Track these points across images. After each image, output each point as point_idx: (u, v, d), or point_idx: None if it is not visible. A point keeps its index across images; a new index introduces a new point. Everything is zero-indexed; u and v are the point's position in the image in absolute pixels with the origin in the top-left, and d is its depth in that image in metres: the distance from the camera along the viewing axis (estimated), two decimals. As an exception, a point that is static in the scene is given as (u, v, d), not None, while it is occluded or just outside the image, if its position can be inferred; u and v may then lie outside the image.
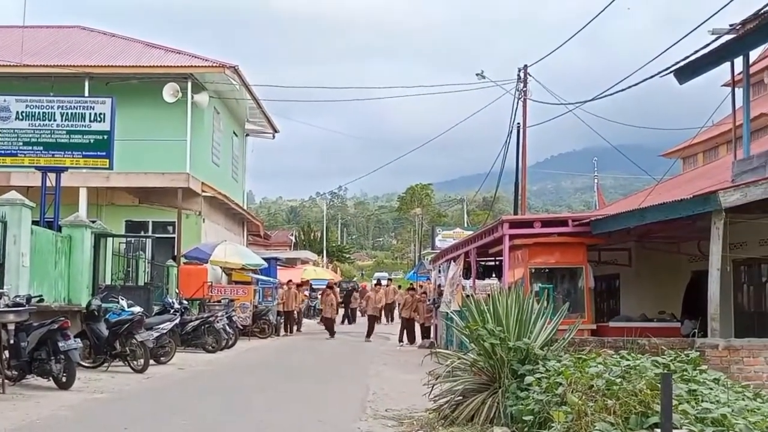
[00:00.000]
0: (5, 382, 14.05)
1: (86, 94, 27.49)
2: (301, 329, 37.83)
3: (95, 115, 22.17)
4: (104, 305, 18.70)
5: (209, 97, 31.43)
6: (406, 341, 30.65)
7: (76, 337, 16.01)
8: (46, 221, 20.95)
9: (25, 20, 30.20)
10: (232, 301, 28.65)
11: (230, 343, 25.39)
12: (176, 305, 22.48)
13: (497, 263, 24.92)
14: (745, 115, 18.87)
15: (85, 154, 22.13)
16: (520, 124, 33.93)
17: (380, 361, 23.16)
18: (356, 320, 46.59)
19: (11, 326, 14.24)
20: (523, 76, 33.93)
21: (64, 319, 15.18)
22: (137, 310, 18.93)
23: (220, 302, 27.99)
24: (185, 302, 24.63)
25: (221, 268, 32.47)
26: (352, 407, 13.64)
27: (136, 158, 28.63)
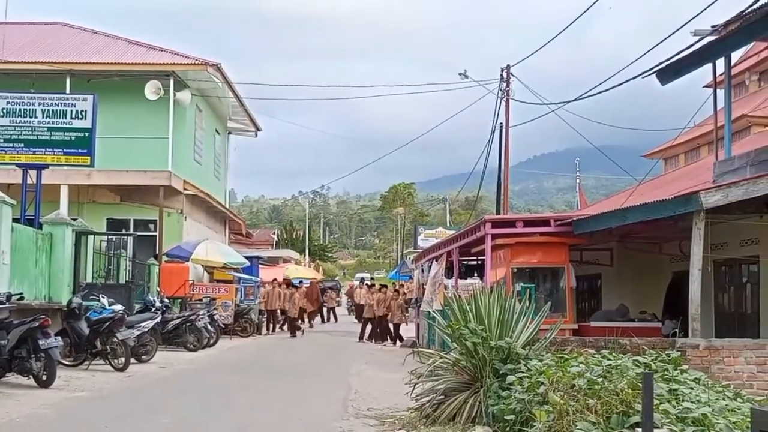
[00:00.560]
0: (-15, 380, 13.98)
1: (68, 91, 27.36)
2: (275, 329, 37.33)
3: (77, 112, 22.08)
4: (85, 303, 18.61)
5: (191, 94, 31.32)
6: (374, 340, 30.72)
7: (56, 335, 15.91)
8: (26, 219, 20.84)
9: (6, 16, 30.06)
10: (213, 299, 28.59)
11: (212, 341, 25.33)
12: (157, 303, 22.39)
13: (479, 263, 24.94)
14: (726, 116, 18.96)
15: (66, 151, 22.04)
16: (502, 123, 33.99)
17: (362, 360, 23.15)
18: (336, 319, 46.48)
19: (-9, 324, 14.18)
20: (506, 76, 33.97)
21: (44, 317, 15.09)
22: (118, 308, 18.82)
23: (201, 301, 27.94)
24: (167, 300, 24.55)
25: (203, 266, 32.38)
26: (333, 406, 13.62)
27: (117, 156, 28.51)
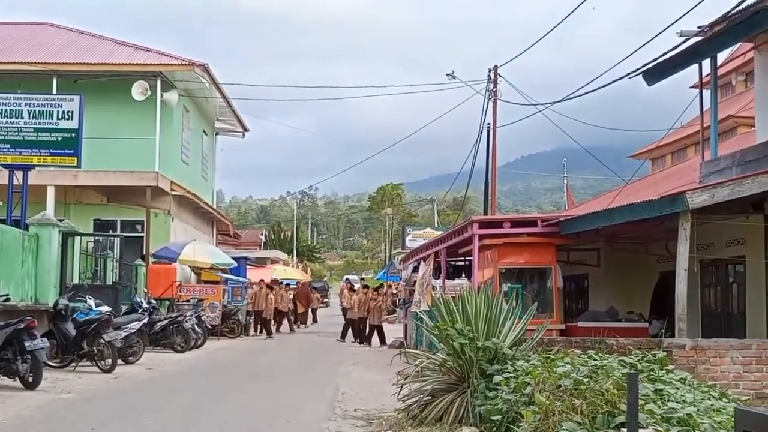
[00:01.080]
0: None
1: (54, 91, 27.24)
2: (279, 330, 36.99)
3: (63, 112, 22.00)
4: (72, 305, 18.57)
5: (179, 95, 31.25)
6: (358, 341, 30.39)
7: (43, 336, 15.86)
8: (12, 220, 20.75)
9: (-8, 17, 29.87)
10: (201, 300, 28.54)
11: (199, 342, 25.28)
12: (145, 305, 22.31)
13: (467, 263, 24.97)
14: (712, 116, 19.03)
15: (52, 152, 21.95)
16: (490, 124, 34.03)
17: (350, 361, 23.14)
18: (315, 321, 45.89)
19: (-23, 326, 14.13)
20: (493, 76, 34.02)
21: (30, 318, 15.05)
22: (105, 309, 18.78)
23: (189, 302, 27.88)
24: (154, 302, 24.43)
25: (190, 267, 32.31)
26: (321, 407, 13.62)
27: (104, 156, 28.41)
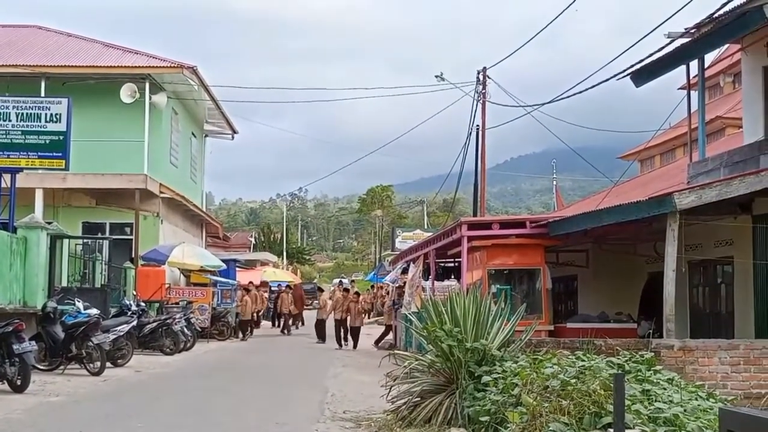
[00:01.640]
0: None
1: (42, 94, 27.19)
2: (253, 333, 36.44)
3: (51, 115, 21.96)
4: (60, 307, 18.53)
5: (167, 97, 31.20)
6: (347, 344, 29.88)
7: (31, 339, 15.85)
8: (0, 223, 20.70)
9: (-21, 19, 29.85)
10: (190, 303, 28.49)
11: (188, 345, 25.22)
12: (134, 307, 22.28)
13: (456, 265, 25.00)
14: (700, 118, 19.10)
15: (40, 154, 21.90)
16: (479, 126, 34.07)
17: (339, 363, 23.14)
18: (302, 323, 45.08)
19: (-36, 329, 14.09)
20: (482, 78, 34.05)
21: (18, 321, 15.01)
22: (94, 312, 18.74)
23: (178, 304, 27.83)
24: (143, 304, 24.38)
25: (179, 269, 32.27)
26: (310, 409, 13.62)
27: (93, 159, 28.35)
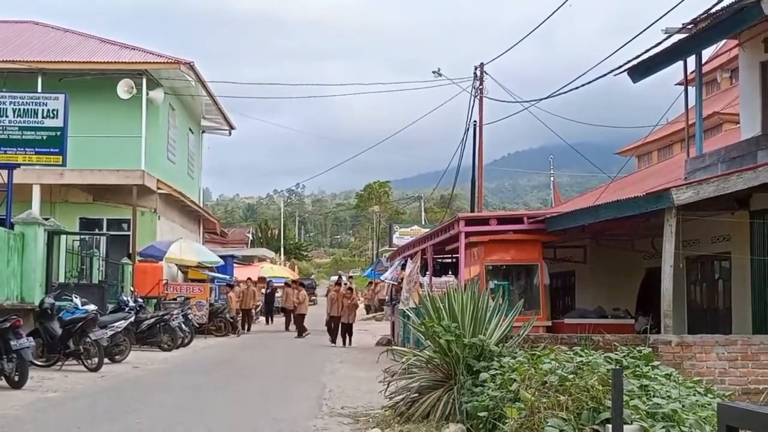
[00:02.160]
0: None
1: (39, 90, 27.23)
2: (250, 328, 36.62)
3: (48, 111, 21.96)
4: (57, 303, 18.52)
5: (164, 93, 31.18)
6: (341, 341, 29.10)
7: (28, 335, 15.85)
8: (-2, 219, 20.69)
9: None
10: (188, 299, 28.49)
11: (186, 341, 25.22)
12: (131, 303, 22.31)
13: (454, 260, 24.99)
14: (697, 113, 19.10)
15: (37, 150, 21.92)
16: (476, 121, 34.04)
17: (337, 359, 23.15)
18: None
19: (-39, 325, 14.09)
20: (479, 74, 34.02)
21: (16, 317, 15.02)
22: (91, 308, 18.73)
23: (175, 300, 27.84)
24: (140, 300, 24.40)
25: (177, 265, 32.26)
26: (308, 405, 13.62)
27: (90, 155, 28.36)
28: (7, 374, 14.62)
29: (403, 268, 29.43)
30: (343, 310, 29.34)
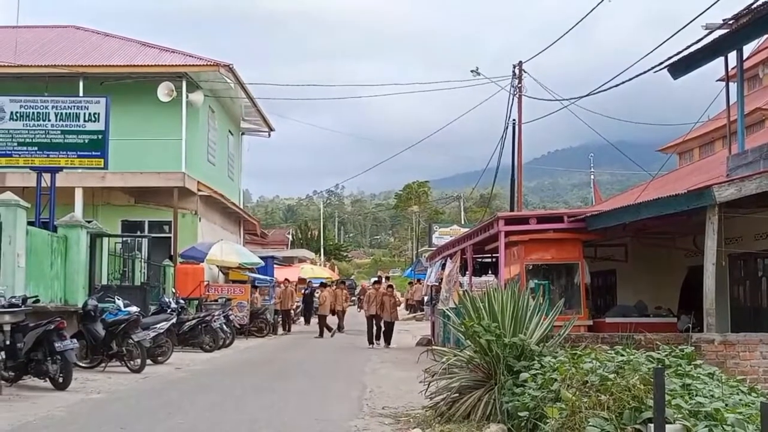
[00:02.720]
0: (2, 383, 14.05)
1: (81, 93, 27.52)
2: (291, 329, 36.64)
3: (90, 114, 22.19)
4: (100, 305, 18.70)
5: (204, 95, 31.40)
6: (379, 342, 28.82)
7: (72, 337, 16.01)
8: (41, 222, 20.91)
9: (18, 20, 30.29)
10: (229, 300, 28.65)
11: (227, 342, 25.39)
12: (173, 305, 22.43)
13: (494, 260, 24.89)
14: (739, 109, 18.89)
15: (80, 153, 22.15)
16: (515, 120, 33.90)
17: (377, 358, 23.18)
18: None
19: (7, 327, 14.28)
20: (518, 72, 33.87)
21: (60, 319, 15.18)
22: (134, 309, 18.90)
23: (217, 301, 28.02)
24: (182, 302, 24.58)
25: (218, 267, 32.46)
26: (348, 405, 13.66)
27: (131, 158, 28.64)
28: (51, 376, 14.79)
29: (443, 268, 29.38)
30: (384, 308, 28.91)
